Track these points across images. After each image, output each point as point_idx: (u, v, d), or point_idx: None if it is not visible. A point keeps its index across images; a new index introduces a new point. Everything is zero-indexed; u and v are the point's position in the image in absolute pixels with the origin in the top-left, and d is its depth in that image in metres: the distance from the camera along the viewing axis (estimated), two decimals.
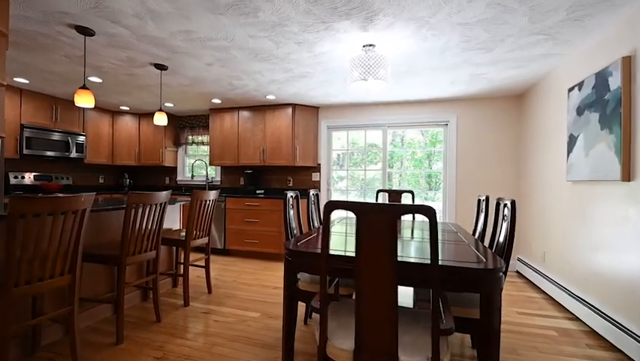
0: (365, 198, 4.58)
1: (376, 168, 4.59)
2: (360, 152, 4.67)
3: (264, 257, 4.32)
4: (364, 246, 1.10)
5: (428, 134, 4.63)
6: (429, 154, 4.66)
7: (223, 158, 4.82)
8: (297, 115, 4.48)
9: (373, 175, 4.64)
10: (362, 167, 4.67)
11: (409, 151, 4.60)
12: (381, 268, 1.09)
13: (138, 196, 2.07)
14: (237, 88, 3.78)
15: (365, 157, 4.62)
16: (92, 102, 2.40)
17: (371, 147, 4.61)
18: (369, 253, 1.09)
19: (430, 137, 4.66)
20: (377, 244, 1.08)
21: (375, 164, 4.65)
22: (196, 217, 2.73)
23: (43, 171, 4.45)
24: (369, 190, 4.62)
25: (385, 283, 1.08)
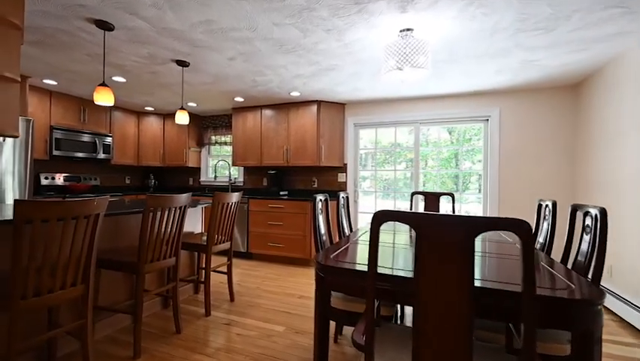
0: (396, 202, 4.27)
1: (401, 168, 4.26)
2: (387, 151, 4.36)
3: (288, 262, 4.13)
4: (427, 267, 0.84)
5: (455, 132, 4.27)
6: (455, 153, 4.29)
7: (246, 158, 4.68)
8: (323, 112, 4.25)
9: (398, 176, 4.32)
10: (387, 167, 4.37)
11: (434, 150, 4.23)
12: (450, 296, 0.82)
13: (156, 199, 1.91)
14: (260, 85, 3.61)
15: (392, 157, 4.31)
16: (112, 100, 2.28)
17: (394, 146, 4.30)
18: (434, 275, 0.83)
19: (457, 135, 4.29)
20: (446, 265, 0.82)
21: (399, 164, 4.35)
22: (218, 221, 2.57)
23: (72, 171, 4.51)
24: (393, 191, 4.31)
25: (457, 315, 0.82)
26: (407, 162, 4.35)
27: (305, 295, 2.98)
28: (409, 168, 4.23)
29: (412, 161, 4.17)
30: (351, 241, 1.92)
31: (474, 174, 4.18)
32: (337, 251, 1.60)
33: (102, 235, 2.18)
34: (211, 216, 2.49)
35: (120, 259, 1.94)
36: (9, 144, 3.21)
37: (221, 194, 2.52)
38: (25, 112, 3.43)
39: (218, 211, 2.53)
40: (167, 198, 1.98)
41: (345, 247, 1.71)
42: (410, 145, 4.22)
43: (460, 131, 4.17)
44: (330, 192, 4.52)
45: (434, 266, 0.83)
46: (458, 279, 0.80)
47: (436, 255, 0.82)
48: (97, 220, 1.59)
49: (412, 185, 4.16)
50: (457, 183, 4.37)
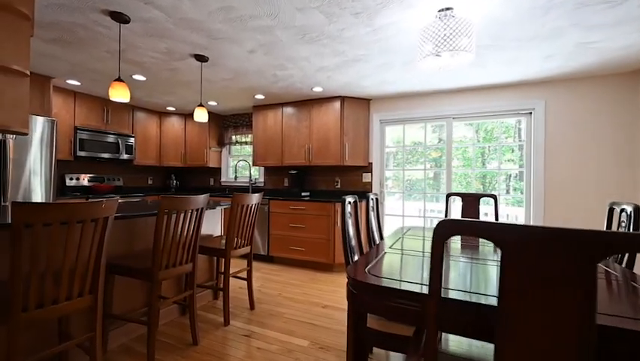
0: (425, 204, 3.96)
1: (429, 168, 3.95)
2: (409, 150, 4.06)
3: (310, 266, 3.93)
4: (522, 297, 0.60)
5: (482, 130, 3.95)
6: (482, 152, 3.96)
7: (266, 158, 4.53)
8: (346, 109, 4.02)
9: (422, 176, 4.01)
10: (409, 166, 4.07)
11: (460, 148, 3.90)
12: (557, 338, 0.58)
13: (171, 201, 1.76)
14: (281, 80, 3.43)
15: (414, 156, 4.01)
16: (127, 96, 2.17)
17: (417, 145, 3.99)
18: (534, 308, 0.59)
19: (483, 133, 3.96)
20: (552, 297, 0.57)
21: (421, 163, 4.06)
22: (237, 224, 2.40)
23: (95, 172, 4.53)
24: (417, 192, 4.00)
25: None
26: (430, 162, 4.06)
27: (330, 305, 2.76)
28: (438, 168, 3.91)
29: (437, 160, 3.85)
30: (385, 249, 1.68)
31: (502, 174, 3.88)
32: (372, 263, 1.37)
33: (116, 239, 2.06)
34: (230, 218, 2.32)
35: (133, 266, 1.81)
36: (35, 144, 3.22)
37: (240, 195, 2.35)
38: (49, 112, 3.44)
39: (237, 214, 2.37)
40: (183, 200, 1.82)
41: (380, 258, 1.48)
42: (435, 143, 3.91)
43: (487, 129, 3.87)
44: (354, 193, 4.28)
45: (534, 296, 0.59)
46: (572, 314, 0.56)
47: (536, 281, 0.58)
48: (105, 224, 1.44)
49: (439, 186, 3.84)
50: (484, 184, 4.03)
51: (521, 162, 3.59)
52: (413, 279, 1.15)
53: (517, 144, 3.70)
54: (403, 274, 1.21)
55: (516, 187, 3.83)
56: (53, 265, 1.27)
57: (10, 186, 3.04)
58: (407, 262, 1.42)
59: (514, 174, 3.86)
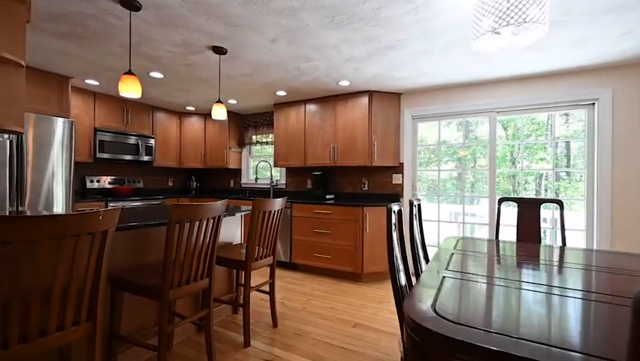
0: (465, 207, 3.56)
1: (458, 168, 3.54)
2: (431, 150, 3.66)
3: (336, 275, 3.62)
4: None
5: (511, 127, 3.51)
6: (511, 151, 3.53)
7: (288, 158, 4.28)
8: (375, 104, 3.69)
9: (447, 176, 3.60)
10: (432, 166, 3.67)
11: (485, 147, 3.46)
12: None
13: (183, 210, 1.52)
14: (305, 73, 3.15)
15: (437, 155, 3.60)
16: (139, 90, 1.96)
17: (439, 144, 3.58)
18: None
19: (512, 130, 3.53)
20: None
21: (445, 163, 3.67)
22: (258, 232, 2.14)
23: (115, 174, 4.45)
24: (448, 195, 3.59)
25: None
26: (454, 160, 3.67)
27: (361, 323, 2.45)
28: (478, 167, 3.50)
29: (462, 159, 3.43)
30: (441, 271, 1.35)
31: (532, 174, 3.56)
32: (433, 295, 1.05)
33: (126, 248, 1.85)
34: (250, 226, 2.06)
35: (141, 282, 1.58)
36: (56, 146, 3.12)
37: (261, 201, 2.09)
38: (67, 113, 3.34)
39: (258, 221, 2.11)
40: (197, 209, 1.58)
41: (440, 285, 1.15)
42: (460, 141, 3.49)
43: (517, 126, 3.45)
44: (383, 197, 3.94)
45: None
46: None
47: None
48: (105, 238, 1.21)
49: (467, 187, 3.42)
50: (513, 184, 3.59)
51: (557, 160, 3.19)
52: (514, 327, 0.82)
53: (544, 144, 3.22)
54: (491, 318, 0.88)
55: (548, 187, 3.40)
56: (41, 289, 1.04)
57: (30, 191, 2.95)
58: (482, 293, 1.09)
59: (546, 174, 3.46)
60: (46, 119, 3.06)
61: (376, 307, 2.78)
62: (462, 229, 3.58)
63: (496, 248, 1.85)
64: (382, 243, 3.48)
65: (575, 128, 3.20)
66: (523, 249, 1.83)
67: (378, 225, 3.46)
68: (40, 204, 3.03)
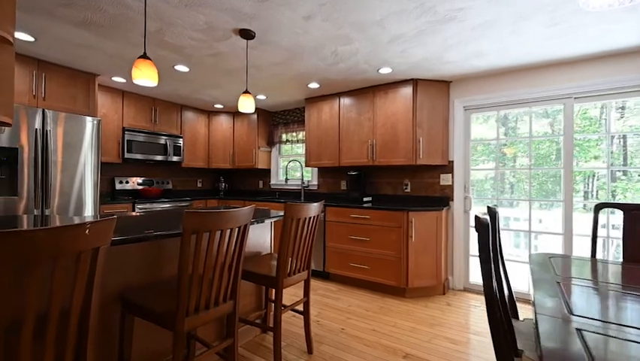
0: (515, 212, 2.99)
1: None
2: (485, 145, 3.11)
3: (376, 289, 3.21)
4: None
5: (557, 122, 2.88)
6: (557, 148, 2.91)
7: (321, 157, 3.93)
8: (420, 95, 3.24)
9: (484, 176, 3.03)
10: (480, 165, 3.11)
11: (534, 142, 2.83)
12: None
13: (200, 218, 1.20)
14: (343, 59, 2.78)
15: (473, 154, 3.04)
16: (155, 77, 1.69)
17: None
18: None
19: (558, 125, 2.90)
20: None
21: (482, 162, 3.10)
22: (291, 243, 1.80)
23: (144, 175, 4.35)
24: (501, 197, 3.02)
25: None
26: (492, 160, 3.09)
27: (413, 354, 2.02)
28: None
29: (502, 158, 2.85)
30: (566, 320, 0.90)
31: (580, 174, 2.94)
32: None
33: (141, 262, 1.58)
34: (282, 236, 1.73)
35: (153, 307, 1.28)
36: (85, 146, 3.00)
37: (294, 206, 1.74)
38: (94, 112, 3.23)
39: (291, 230, 1.76)
40: (218, 217, 1.26)
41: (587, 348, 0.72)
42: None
43: (562, 119, 2.82)
44: (429, 200, 3.46)
45: None
46: None
47: None
48: (95, 258, 0.91)
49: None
50: (559, 185, 2.97)
51: (612, 159, 2.57)
52: None
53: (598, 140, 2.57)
54: None
55: (602, 188, 2.76)
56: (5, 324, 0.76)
57: (58, 193, 2.84)
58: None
59: (598, 174, 2.82)
60: (75, 117, 2.94)
61: (429, 332, 2.33)
62: (529, 240, 3.01)
63: (619, 274, 1.35)
64: (431, 254, 3.01)
65: (632, 123, 2.61)
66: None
67: (425, 232, 3.00)
68: (70, 206, 2.91)
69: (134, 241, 1.26)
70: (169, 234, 1.41)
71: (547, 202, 3.00)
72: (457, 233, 3.24)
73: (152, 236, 1.33)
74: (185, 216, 1.17)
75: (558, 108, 2.87)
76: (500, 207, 3.16)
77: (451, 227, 3.29)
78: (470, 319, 2.57)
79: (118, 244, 1.19)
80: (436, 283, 3.03)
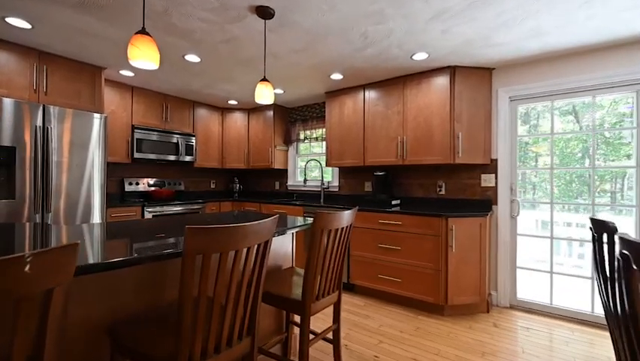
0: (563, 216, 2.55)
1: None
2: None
3: (409, 304, 2.83)
4: None
5: (586, 116, 2.43)
6: (585, 146, 2.44)
7: (343, 156, 3.58)
8: (459, 84, 2.84)
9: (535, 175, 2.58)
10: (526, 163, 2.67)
11: (559, 140, 2.37)
12: None
13: (207, 236, 0.88)
14: (373, 43, 2.43)
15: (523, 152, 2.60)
16: (155, 57, 1.39)
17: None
18: None
19: (588, 120, 2.47)
20: None
21: (532, 159, 2.66)
22: (321, 260, 1.46)
23: (155, 175, 4.12)
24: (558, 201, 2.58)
25: None
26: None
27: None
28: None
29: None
30: None
31: (609, 173, 2.52)
32: None
33: (139, 283, 1.28)
34: (311, 251, 1.39)
35: (148, 352, 0.97)
36: (90, 146, 2.77)
37: (326, 216, 1.40)
38: (100, 108, 2.99)
39: (321, 244, 1.43)
40: (232, 233, 0.93)
41: None
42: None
43: (581, 106, 2.35)
44: (467, 204, 3.06)
45: None
46: None
47: None
48: (46, 304, 0.60)
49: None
50: (589, 185, 2.52)
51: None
52: None
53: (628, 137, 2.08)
54: None
55: (632, 188, 2.28)
56: None
57: (61, 196, 2.61)
58: None
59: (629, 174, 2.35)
60: (79, 114, 2.71)
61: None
62: (591, 250, 2.57)
63: None
64: (473, 266, 2.62)
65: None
66: None
67: (467, 241, 2.61)
68: (74, 210, 2.68)
69: (105, 268, 0.94)
70: (173, 253, 1.10)
71: (621, 207, 2.55)
72: (502, 242, 2.83)
73: (133, 260, 1.01)
74: (188, 234, 0.85)
75: (629, 95, 2.42)
76: (560, 211, 2.73)
77: (495, 235, 2.88)
78: (526, 345, 2.17)
79: (87, 273, 0.89)
80: (480, 299, 2.63)
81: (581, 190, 2.66)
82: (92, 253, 1.06)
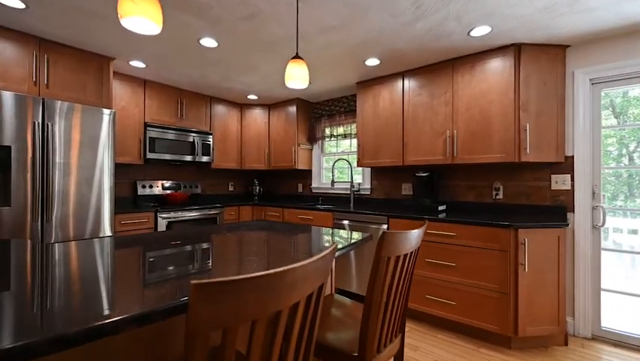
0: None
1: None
2: None
3: (466, 332, 2.35)
4: None
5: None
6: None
7: (378, 155, 3.13)
8: (525, 65, 2.34)
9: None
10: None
11: None
12: None
13: (227, 299, 0.47)
14: (425, 14, 1.98)
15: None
16: (157, 16, 1.01)
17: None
18: None
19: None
20: None
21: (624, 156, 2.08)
22: (385, 295, 1.03)
23: (169, 178, 3.80)
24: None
25: None
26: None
27: None
28: None
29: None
30: None
31: None
32: None
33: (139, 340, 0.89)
34: (374, 287, 0.97)
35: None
36: (97, 145, 2.47)
37: (395, 237, 0.97)
38: (108, 103, 2.68)
39: (387, 275, 1.00)
40: (263, 289, 0.52)
41: None
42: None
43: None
44: (532, 210, 2.55)
45: None
46: None
47: None
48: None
49: None
50: (629, 185, 1.96)
51: None
52: None
53: None
54: None
55: None
56: None
57: (63, 201, 2.31)
58: None
59: None
60: (85, 109, 2.41)
61: None
62: None
63: None
64: (550, 289, 2.11)
65: None
66: None
67: (542, 258, 2.11)
68: (77, 218, 2.37)
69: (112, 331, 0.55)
70: (172, 307, 0.69)
71: None
72: (582, 258, 2.30)
73: (153, 311, 0.62)
74: (194, 291, 0.44)
75: None
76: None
77: (571, 249, 2.36)
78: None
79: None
80: (557, 330, 2.12)
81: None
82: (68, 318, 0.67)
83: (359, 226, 2.89)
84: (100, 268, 0.97)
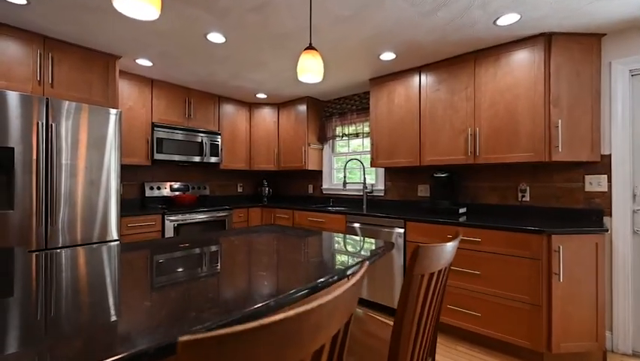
0: None
1: None
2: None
3: (492, 346, 2.18)
4: None
5: None
6: None
7: (393, 155, 2.98)
8: (556, 56, 2.15)
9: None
10: None
11: None
12: None
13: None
14: (446, 4, 1.82)
15: None
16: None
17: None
18: None
19: None
20: None
21: None
22: (417, 315, 0.89)
23: (176, 179, 3.72)
24: None
25: None
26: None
27: None
28: None
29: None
30: None
31: None
32: None
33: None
34: (406, 308, 0.82)
35: None
36: (102, 146, 2.39)
37: (429, 252, 0.83)
38: (114, 102, 2.60)
39: (420, 294, 0.85)
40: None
41: None
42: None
43: None
44: (564, 214, 2.35)
45: None
46: None
47: None
48: None
49: None
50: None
51: None
52: None
53: None
54: None
55: None
56: None
57: (73, 204, 2.24)
58: None
59: None
60: (91, 109, 2.33)
61: None
62: None
63: None
64: (587, 301, 1.93)
65: None
66: None
67: (579, 267, 1.92)
68: (84, 221, 2.30)
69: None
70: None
71: None
72: (621, 266, 2.10)
73: None
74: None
75: None
76: None
77: (609, 257, 2.16)
78: None
79: None
80: (595, 346, 1.94)
81: None
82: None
83: (373, 229, 2.74)
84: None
